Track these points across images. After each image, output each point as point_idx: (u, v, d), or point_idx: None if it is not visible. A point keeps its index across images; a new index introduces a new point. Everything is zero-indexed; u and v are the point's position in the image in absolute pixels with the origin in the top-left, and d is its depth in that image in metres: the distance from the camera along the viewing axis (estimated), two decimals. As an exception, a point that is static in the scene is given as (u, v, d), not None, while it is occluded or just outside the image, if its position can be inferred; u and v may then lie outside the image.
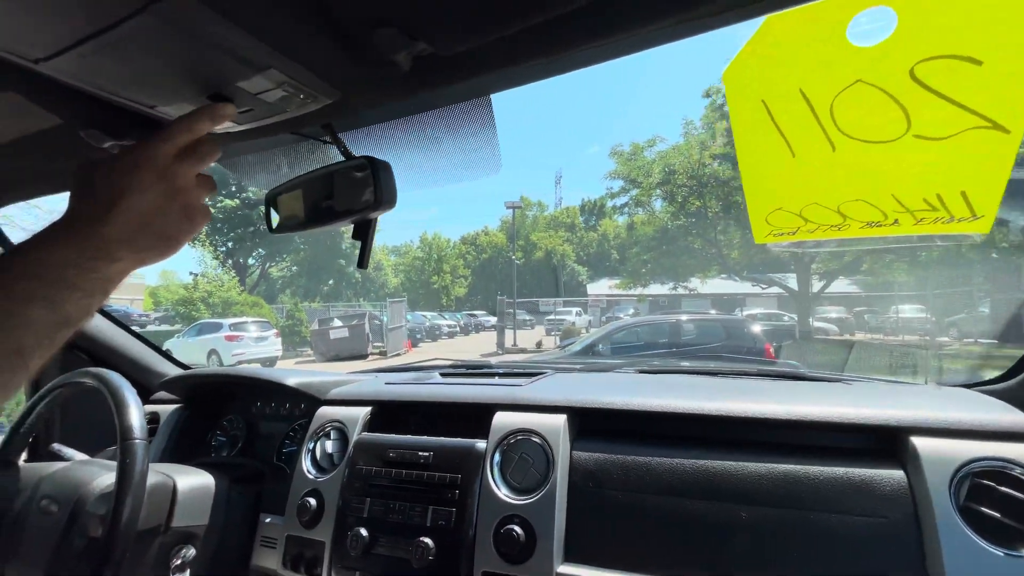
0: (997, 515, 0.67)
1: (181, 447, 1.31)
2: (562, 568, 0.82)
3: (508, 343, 16.79)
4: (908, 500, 0.72)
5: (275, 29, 0.53)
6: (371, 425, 1.12)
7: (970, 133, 0.56)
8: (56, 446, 1.14)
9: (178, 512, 0.97)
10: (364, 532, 0.95)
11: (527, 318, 27.80)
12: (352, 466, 1.04)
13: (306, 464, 1.09)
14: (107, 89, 0.63)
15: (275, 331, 14.67)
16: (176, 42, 0.52)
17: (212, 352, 13.13)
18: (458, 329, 25.31)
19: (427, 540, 0.90)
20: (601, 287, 30.85)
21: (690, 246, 14.67)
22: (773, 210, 0.74)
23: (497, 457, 0.95)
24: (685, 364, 1.40)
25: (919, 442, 0.75)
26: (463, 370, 1.47)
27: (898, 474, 0.75)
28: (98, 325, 1.40)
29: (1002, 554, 0.65)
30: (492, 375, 1.32)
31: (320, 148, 0.89)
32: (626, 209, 16.93)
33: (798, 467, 0.79)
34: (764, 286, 15.31)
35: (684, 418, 0.91)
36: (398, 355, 15.26)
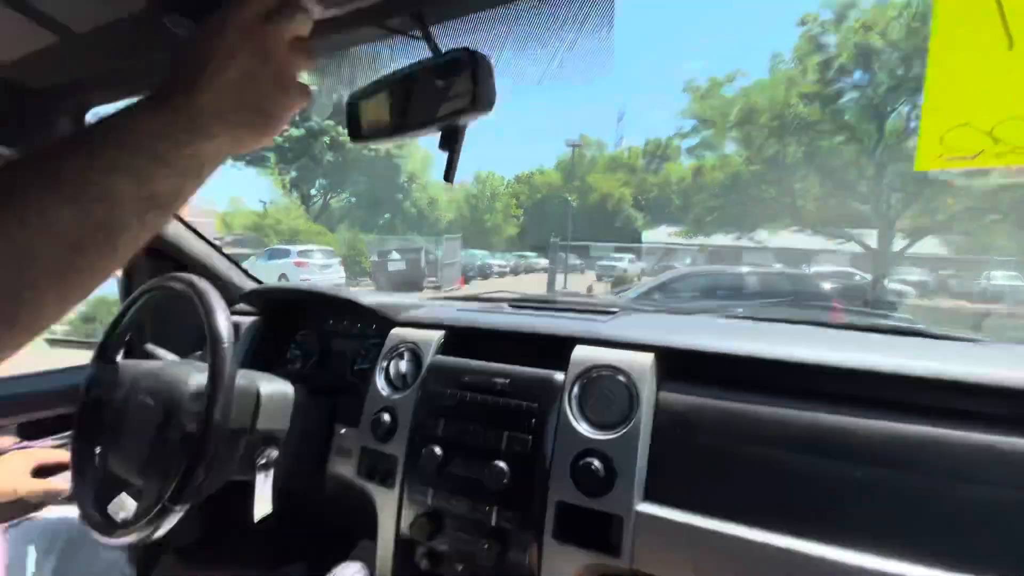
0: None
1: (259, 358, 1.36)
2: (642, 507, 0.79)
3: (558, 287, 16.77)
4: None
5: None
6: (444, 349, 1.11)
7: None
8: (150, 346, 1.21)
9: (261, 415, 1.02)
10: (438, 451, 0.95)
11: (577, 262, 27.52)
12: (426, 387, 1.04)
13: (380, 382, 1.11)
14: None
15: (339, 259, 15.54)
16: None
17: (282, 276, 14.16)
18: (508, 269, 25.51)
19: (502, 464, 0.89)
20: (659, 234, 29.71)
21: (762, 195, 13.60)
22: (956, 126, 0.59)
23: (576, 390, 0.91)
24: (780, 313, 1.28)
25: None
26: (532, 303, 1.43)
27: None
28: (183, 234, 1.45)
29: None
30: (565, 310, 1.27)
31: (409, 46, 0.81)
32: (696, 151, 15.81)
33: (932, 429, 0.69)
34: (840, 241, 14.06)
35: (793, 368, 0.82)
36: (452, 290, 15.74)
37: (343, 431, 1.14)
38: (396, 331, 1.17)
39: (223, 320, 0.89)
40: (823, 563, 0.67)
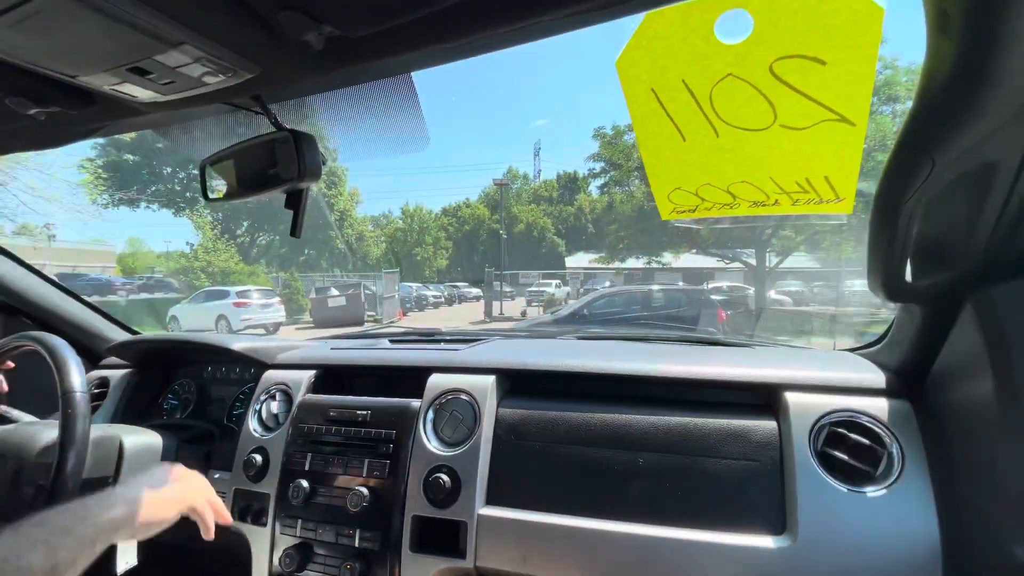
0: (845, 457, 0.77)
1: (132, 410, 1.35)
2: (483, 510, 0.91)
3: (495, 312, 17.18)
4: (776, 446, 0.82)
5: (183, 6, 0.56)
6: (315, 387, 1.18)
7: (824, 124, 0.63)
8: (3, 408, 1.17)
9: (126, 467, 1.02)
10: (305, 483, 1.02)
11: (508, 290, 27.98)
12: (296, 424, 1.10)
13: (252, 423, 1.15)
14: (28, 60, 0.65)
15: (278, 298, 15.18)
16: (86, 17, 0.55)
17: (221, 317, 13.66)
18: (443, 299, 25.44)
19: (362, 489, 0.98)
20: (579, 260, 31.16)
21: (664, 224, 15.10)
22: (673, 189, 0.80)
23: (430, 414, 1.03)
24: (620, 331, 1.49)
25: (791, 397, 0.85)
26: (413, 337, 1.53)
27: (771, 424, 0.85)
28: (43, 292, 1.41)
29: (845, 489, 0.76)
30: (438, 341, 1.39)
31: (257, 118, 0.92)
32: (606, 188, 17.30)
33: (688, 419, 0.88)
34: (727, 261, 15.91)
35: (597, 377, 1.00)
36: (392, 323, 15.47)
37: (217, 476, 1.16)
38: (269, 373, 1.23)
39: (74, 370, 0.91)
40: (618, 536, 0.82)
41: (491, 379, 1.03)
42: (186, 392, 1.40)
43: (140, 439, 1.08)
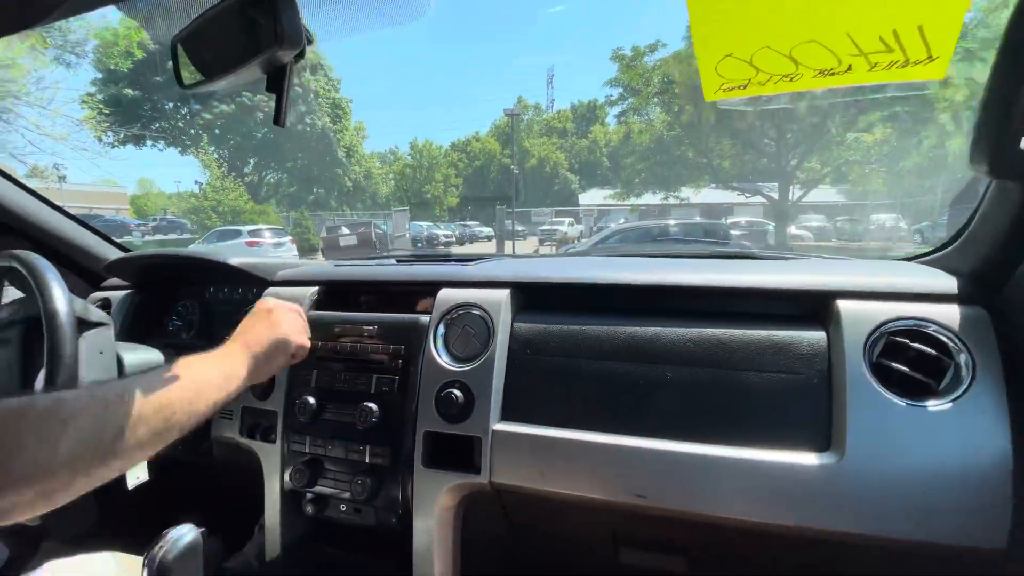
0: (905, 369, 0.69)
1: (136, 331, 1.31)
2: (498, 426, 0.86)
3: (507, 252, 17.15)
4: (824, 358, 0.74)
5: None
6: (319, 304, 1.12)
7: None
8: None
9: None
10: (312, 400, 0.98)
11: (520, 228, 27.75)
12: None
13: None
14: None
15: (290, 237, 15.31)
16: None
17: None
18: (453, 239, 25.33)
19: (371, 405, 0.94)
20: (592, 196, 30.45)
21: (683, 156, 14.51)
22: (723, 57, 0.67)
23: (441, 329, 0.96)
24: (645, 249, 1.39)
25: (843, 305, 0.76)
26: (421, 255, 1.45)
27: (818, 335, 0.76)
28: (38, 212, 1.34)
29: (904, 404, 0.68)
30: (447, 260, 1.31)
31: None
32: (623, 117, 16.46)
33: (722, 330, 0.80)
34: (748, 195, 15.37)
35: (621, 289, 0.91)
36: None
37: None
38: (271, 290, 1.16)
39: (57, 292, 0.85)
40: (643, 452, 0.77)
41: (505, 292, 0.95)
42: (190, 313, 1.35)
43: (141, 355, 1.04)
